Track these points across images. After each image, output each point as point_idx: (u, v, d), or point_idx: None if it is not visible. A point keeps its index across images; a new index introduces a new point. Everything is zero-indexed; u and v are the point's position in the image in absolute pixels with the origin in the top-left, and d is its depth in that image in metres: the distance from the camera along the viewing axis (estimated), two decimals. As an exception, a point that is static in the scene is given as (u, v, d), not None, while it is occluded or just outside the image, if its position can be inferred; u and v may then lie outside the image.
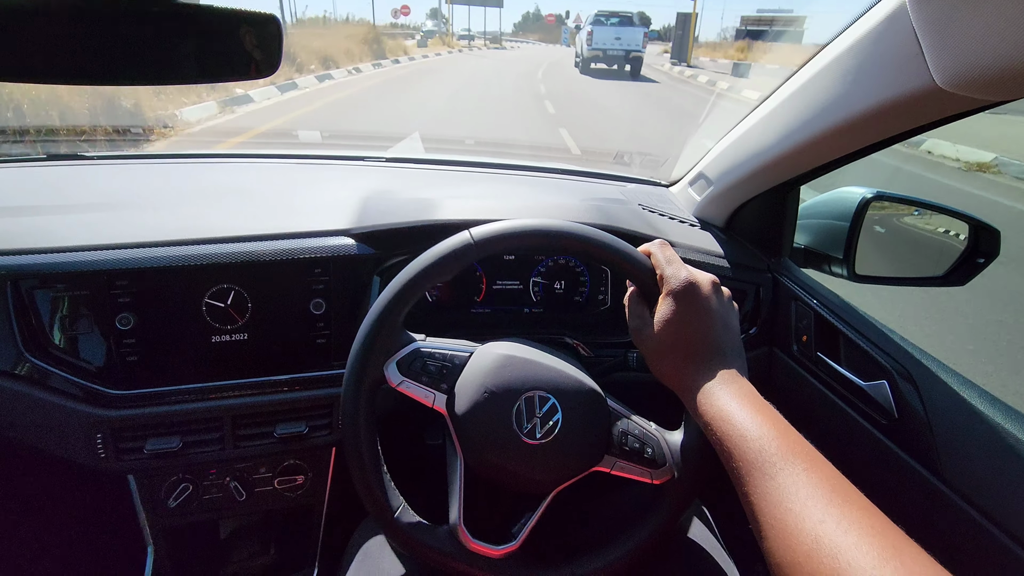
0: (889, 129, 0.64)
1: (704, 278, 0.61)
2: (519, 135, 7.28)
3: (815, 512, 0.41)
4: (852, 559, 0.37)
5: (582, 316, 1.03)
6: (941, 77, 0.49)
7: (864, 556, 0.36)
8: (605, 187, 1.28)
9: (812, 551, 0.39)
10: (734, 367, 0.57)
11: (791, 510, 0.42)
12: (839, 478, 0.44)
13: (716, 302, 0.60)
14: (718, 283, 0.62)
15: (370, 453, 0.63)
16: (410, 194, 1.03)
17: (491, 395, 0.63)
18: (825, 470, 0.45)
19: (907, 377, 0.72)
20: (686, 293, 0.59)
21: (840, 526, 0.39)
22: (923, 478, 0.67)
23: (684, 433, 0.68)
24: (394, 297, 0.63)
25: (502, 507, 0.67)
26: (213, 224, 0.88)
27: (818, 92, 0.69)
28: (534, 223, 0.65)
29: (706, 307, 0.59)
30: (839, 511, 0.40)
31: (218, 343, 0.85)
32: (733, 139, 0.94)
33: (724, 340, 0.59)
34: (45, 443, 0.83)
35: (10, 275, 0.77)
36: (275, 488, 0.92)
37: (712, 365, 0.57)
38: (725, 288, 0.63)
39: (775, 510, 0.43)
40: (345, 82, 12.79)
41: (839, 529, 0.39)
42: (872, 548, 0.37)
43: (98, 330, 0.81)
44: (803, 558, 0.39)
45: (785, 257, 1.00)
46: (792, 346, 0.93)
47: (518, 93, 12.18)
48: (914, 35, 0.51)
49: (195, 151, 1.33)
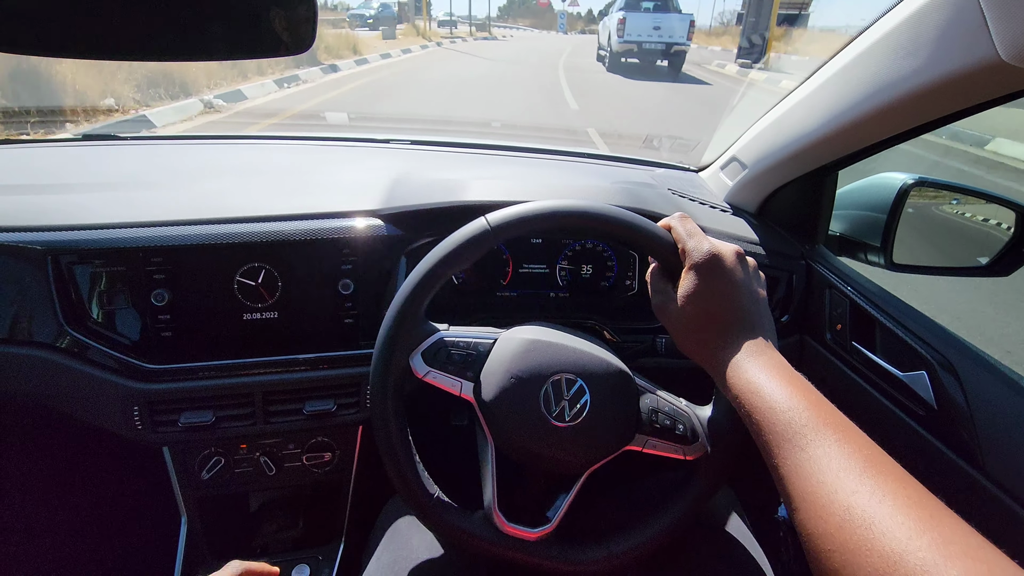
0: (946, 107, 0.60)
1: (727, 248, 0.59)
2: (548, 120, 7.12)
3: (848, 483, 0.39)
4: (886, 529, 0.35)
5: (609, 301, 1.03)
6: (1006, 50, 0.47)
7: (899, 526, 0.35)
8: (634, 171, 1.26)
9: (844, 521, 0.37)
10: (763, 338, 0.55)
11: (823, 482, 0.41)
12: (873, 448, 0.43)
13: (741, 272, 0.59)
14: (742, 253, 0.60)
15: (402, 443, 0.64)
16: (437, 176, 1.03)
17: (518, 380, 0.63)
18: (859, 441, 0.43)
19: (948, 367, 0.70)
20: (710, 265, 0.58)
21: (874, 496, 0.38)
22: (963, 471, 0.66)
23: (714, 408, 0.68)
24: (414, 289, 0.63)
25: (535, 490, 0.68)
26: (245, 203, 0.89)
27: (867, 69, 0.66)
28: (551, 204, 0.64)
29: (731, 278, 0.58)
30: (873, 482, 0.39)
31: (249, 320, 0.86)
32: (770, 121, 0.91)
33: (751, 311, 0.57)
34: (85, 414, 0.85)
35: (50, 250, 0.80)
36: (303, 464, 0.94)
37: (740, 337, 0.55)
38: (750, 258, 0.62)
39: (806, 483, 0.42)
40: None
41: (873, 499, 0.37)
42: (908, 518, 0.35)
43: (134, 305, 0.83)
44: (835, 528, 0.38)
45: (820, 244, 0.98)
46: (825, 335, 0.91)
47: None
48: (977, 5, 0.49)
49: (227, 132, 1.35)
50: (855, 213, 0.94)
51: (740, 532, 0.85)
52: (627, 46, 13.35)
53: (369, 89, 9.17)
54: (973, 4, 0.49)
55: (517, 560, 0.63)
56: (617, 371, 0.66)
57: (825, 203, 0.95)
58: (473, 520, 0.63)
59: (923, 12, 0.57)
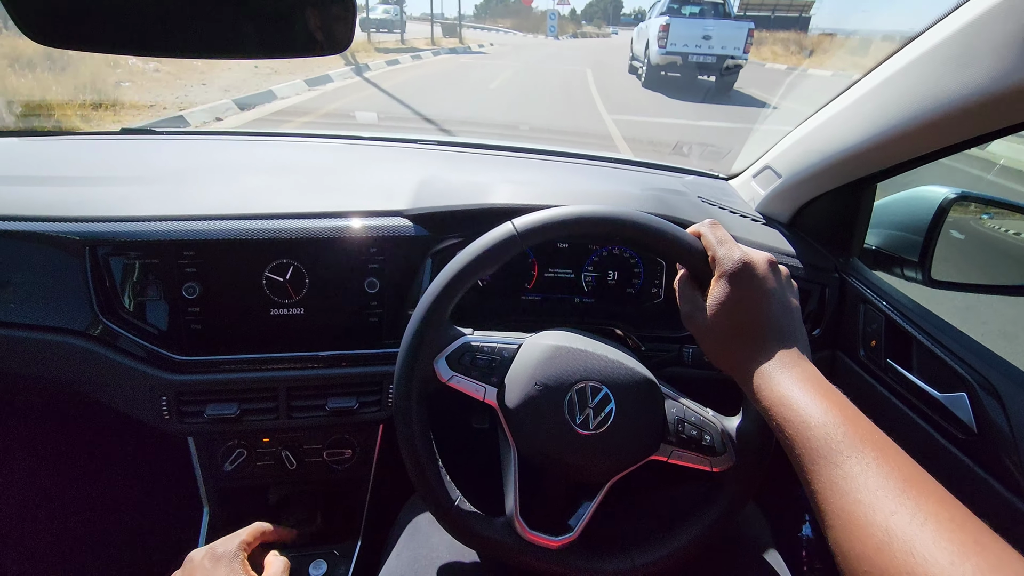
0: (998, 122, 0.58)
1: (759, 257, 0.58)
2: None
3: (887, 503, 0.38)
4: (928, 554, 0.34)
5: (634, 308, 1.01)
6: None
7: (942, 551, 0.33)
8: (663, 178, 1.24)
9: (883, 544, 0.36)
10: (795, 349, 0.53)
11: (860, 501, 0.39)
12: (914, 467, 0.41)
13: (774, 281, 0.57)
14: (775, 261, 0.59)
15: (424, 447, 0.64)
16: (464, 177, 1.02)
17: (542, 387, 0.62)
18: (898, 459, 0.41)
19: (990, 390, 0.67)
20: (741, 274, 0.56)
21: (915, 519, 0.36)
22: (1005, 499, 0.63)
23: (743, 419, 0.66)
24: (440, 293, 0.63)
25: (558, 498, 0.67)
26: (275, 200, 0.90)
27: (917, 79, 0.64)
28: (578, 210, 0.63)
29: (763, 287, 0.56)
30: (914, 503, 0.37)
31: (276, 316, 0.87)
32: (808, 130, 0.89)
33: (783, 321, 0.55)
34: (115, 401, 0.87)
35: (88, 241, 0.81)
36: (324, 460, 0.95)
37: (771, 347, 0.53)
38: (782, 267, 0.60)
39: (842, 500, 0.40)
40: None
41: (914, 522, 0.36)
42: (951, 543, 0.34)
43: (165, 297, 0.84)
44: (873, 552, 0.36)
45: (854, 257, 0.95)
46: (859, 351, 0.89)
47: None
48: None
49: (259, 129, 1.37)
50: (892, 226, 0.91)
51: (765, 549, 0.83)
52: (670, 58, 10.62)
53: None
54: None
55: (539, 568, 0.63)
56: (643, 379, 0.65)
57: (862, 215, 0.92)
58: (495, 526, 0.63)
59: (981, 22, 0.55)
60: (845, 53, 11.61)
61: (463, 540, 0.63)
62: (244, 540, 0.70)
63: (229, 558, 0.67)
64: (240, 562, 0.67)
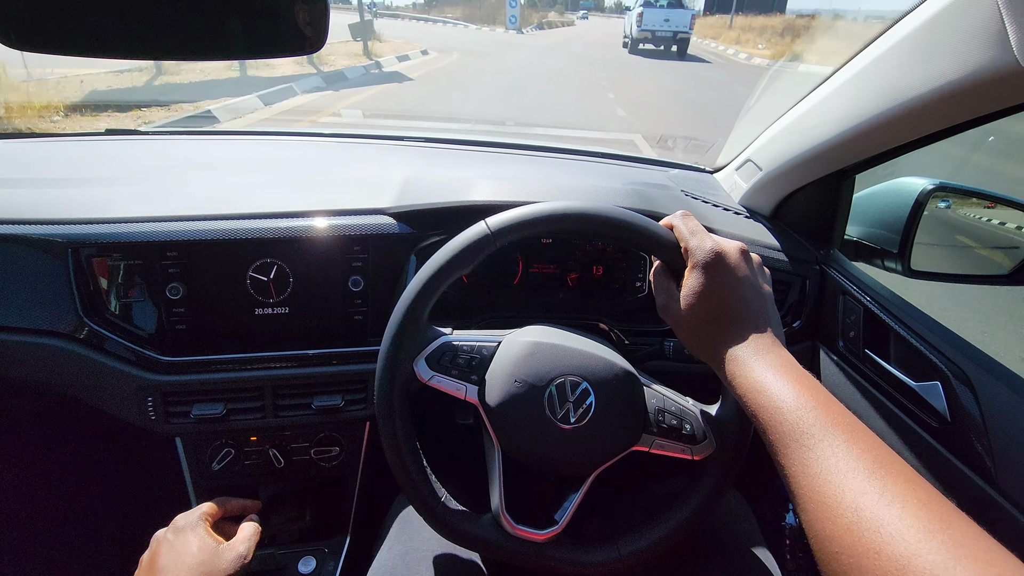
0: (964, 113, 0.59)
1: (731, 246, 0.59)
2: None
3: (856, 484, 0.39)
4: (895, 531, 0.35)
5: (618, 303, 1.02)
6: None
7: (908, 528, 0.34)
8: (648, 172, 1.25)
9: (852, 524, 0.37)
10: (769, 334, 0.54)
11: (830, 482, 0.40)
12: (882, 449, 0.42)
13: (746, 269, 0.58)
14: (746, 250, 0.59)
15: (408, 449, 0.64)
16: (448, 174, 1.03)
17: (522, 384, 0.63)
18: (868, 441, 0.42)
19: (963, 379, 0.68)
20: (713, 263, 0.57)
21: (883, 498, 0.37)
22: (976, 486, 0.64)
23: (721, 406, 0.67)
24: (416, 295, 0.63)
25: (543, 492, 0.68)
26: (259, 199, 0.90)
27: (886, 72, 0.65)
28: (550, 207, 0.64)
29: (735, 275, 0.57)
30: (881, 483, 0.38)
31: (261, 315, 0.87)
32: (787, 123, 0.90)
33: (756, 307, 0.56)
34: (101, 403, 0.87)
35: (71, 243, 0.81)
36: (311, 458, 0.95)
37: (745, 334, 0.54)
38: (754, 255, 0.61)
39: (813, 482, 0.41)
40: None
41: (881, 501, 0.37)
42: (917, 520, 0.35)
43: (150, 298, 0.84)
44: (843, 531, 0.37)
45: (835, 249, 0.96)
46: (838, 342, 0.90)
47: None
48: (998, 10, 0.47)
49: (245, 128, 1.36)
50: (872, 218, 0.92)
51: (750, 538, 0.84)
52: (644, 34, 17.55)
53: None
54: (993, 10, 0.48)
55: (526, 562, 0.64)
56: (622, 371, 0.66)
57: (841, 207, 0.93)
58: (481, 523, 0.64)
59: (942, 17, 0.56)
60: (827, 39, 12.75)
61: (450, 538, 0.64)
62: (204, 512, 0.74)
63: (192, 525, 0.69)
64: (204, 529, 0.70)
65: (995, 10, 0.48)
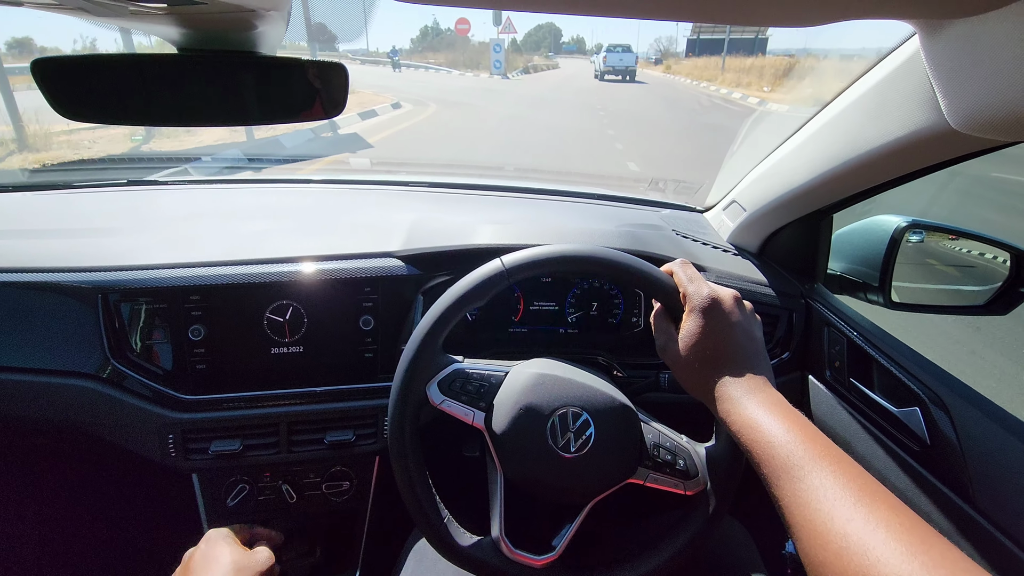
0: (907, 166, 0.66)
1: (726, 293, 0.64)
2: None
3: (843, 511, 0.42)
4: (881, 555, 0.38)
5: (616, 337, 1.07)
6: (953, 119, 0.52)
7: (892, 552, 0.38)
8: (642, 212, 1.31)
9: (842, 549, 0.40)
10: (760, 376, 0.59)
11: (820, 510, 0.43)
12: (866, 478, 0.46)
13: (739, 315, 0.63)
14: (739, 297, 0.65)
15: (416, 467, 0.68)
16: (452, 218, 1.09)
17: (526, 412, 0.66)
18: (852, 471, 0.46)
19: (939, 404, 0.72)
20: (709, 308, 0.62)
21: (868, 524, 0.40)
22: (955, 506, 0.67)
23: (714, 443, 0.71)
24: (434, 323, 0.68)
25: (542, 519, 0.70)
26: (275, 245, 0.96)
27: (843, 127, 0.72)
28: (561, 249, 0.69)
29: (729, 320, 0.62)
30: (867, 509, 0.41)
31: (277, 354, 0.92)
32: (765, 168, 0.97)
33: (749, 350, 0.61)
34: (124, 441, 0.91)
35: (99, 290, 0.87)
36: (323, 492, 0.98)
37: (738, 375, 0.59)
38: (747, 302, 0.66)
39: (805, 511, 0.45)
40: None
41: (867, 527, 0.40)
42: (900, 544, 0.38)
43: (172, 340, 0.89)
44: (833, 556, 0.40)
45: (819, 283, 1.02)
46: (825, 372, 0.94)
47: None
48: (927, 79, 0.54)
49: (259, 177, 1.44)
50: (852, 254, 0.98)
51: (751, 566, 0.86)
52: (607, 68, 28.47)
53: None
54: (924, 78, 0.55)
55: None
56: (621, 406, 0.70)
57: (822, 244, 0.99)
58: (481, 545, 0.66)
59: (886, 82, 0.63)
60: (807, 81, 12.53)
61: (449, 557, 0.67)
62: (233, 528, 0.78)
63: (223, 536, 0.73)
64: (234, 539, 0.73)
65: (925, 78, 0.55)
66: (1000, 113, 0.46)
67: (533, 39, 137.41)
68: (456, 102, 14.98)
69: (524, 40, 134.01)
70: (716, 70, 28.63)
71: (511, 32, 38.58)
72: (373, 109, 11.78)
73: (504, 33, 35.28)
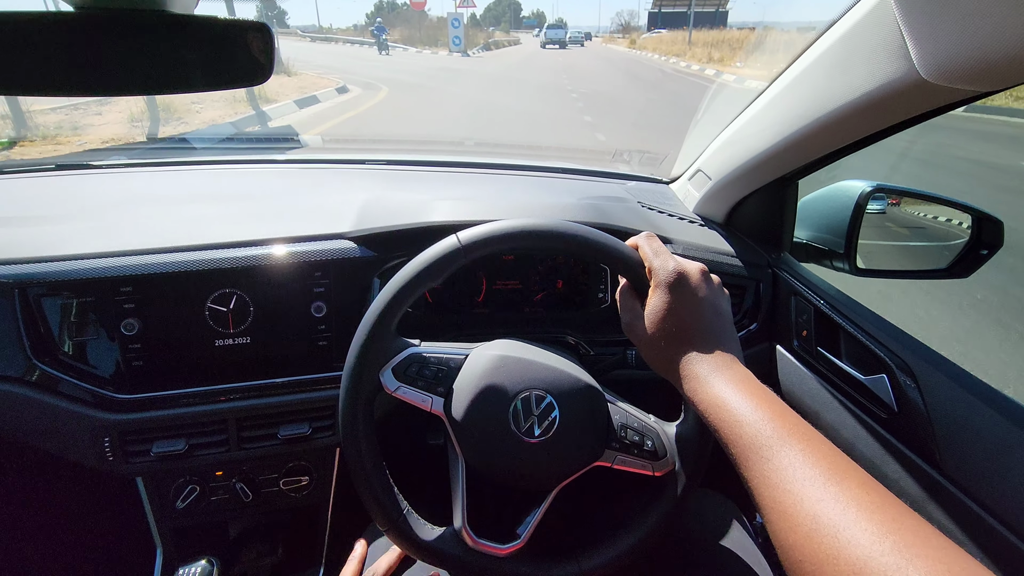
0: (877, 123, 0.63)
1: (692, 267, 0.61)
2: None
3: (813, 491, 0.40)
4: (852, 536, 0.36)
5: (582, 315, 1.04)
6: (925, 69, 0.49)
7: (863, 532, 0.36)
8: (607, 185, 1.28)
9: (812, 531, 0.38)
10: (728, 353, 0.57)
11: (789, 491, 0.42)
12: (837, 455, 0.44)
13: (706, 289, 0.60)
14: (707, 271, 0.62)
15: (371, 460, 0.64)
16: (409, 196, 1.03)
17: (487, 396, 0.63)
18: (822, 449, 0.44)
19: (906, 371, 0.71)
20: (675, 283, 0.59)
21: (839, 504, 0.39)
22: (923, 471, 0.67)
23: (682, 423, 0.69)
24: (386, 305, 0.64)
25: (506, 506, 0.68)
26: (216, 230, 0.89)
27: (808, 87, 0.69)
28: (520, 223, 0.65)
29: (696, 295, 0.59)
30: (837, 489, 0.40)
31: (221, 347, 0.86)
32: (728, 135, 0.94)
33: (716, 326, 0.59)
34: (55, 447, 0.84)
35: (17, 283, 0.79)
36: (281, 489, 0.93)
37: (705, 352, 0.56)
38: (714, 275, 0.63)
39: (774, 492, 0.43)
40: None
41: (838, 507, 0.38)
42: (871, 523, 0.36)
43: (104, 336, 0.82)
44: (803, 539, 0.39)
45: (785, 252, 1.00)
46: (793, 341, 0.93)
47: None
48: (898, 28, 0.51)
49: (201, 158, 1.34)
50: (818, 221, 0.97)
51: (741, 543, 0.86)
52: (547, 40, 40.63)
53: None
54: (894, 27, 0.52)
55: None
56: (587, 387, 0.67)
57: (788, 212, 0.97)
58: (443, 536, 0.63)
59: (852, 34, 0.60)
60: (765, 51, 12.58)
61: (410, 551, 0.63)
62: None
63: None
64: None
65: (895, 27, 0.52)
66: (972, 59, 0.43)
67: (493, 13, 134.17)
68: (412, 84, 13.75)
69: (484, 14, 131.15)
70: (683, 44, 28.14)
71: (470, 6, 39.87)
72: (314, 95, 10.30)
73: (463, 7, 35.33)
